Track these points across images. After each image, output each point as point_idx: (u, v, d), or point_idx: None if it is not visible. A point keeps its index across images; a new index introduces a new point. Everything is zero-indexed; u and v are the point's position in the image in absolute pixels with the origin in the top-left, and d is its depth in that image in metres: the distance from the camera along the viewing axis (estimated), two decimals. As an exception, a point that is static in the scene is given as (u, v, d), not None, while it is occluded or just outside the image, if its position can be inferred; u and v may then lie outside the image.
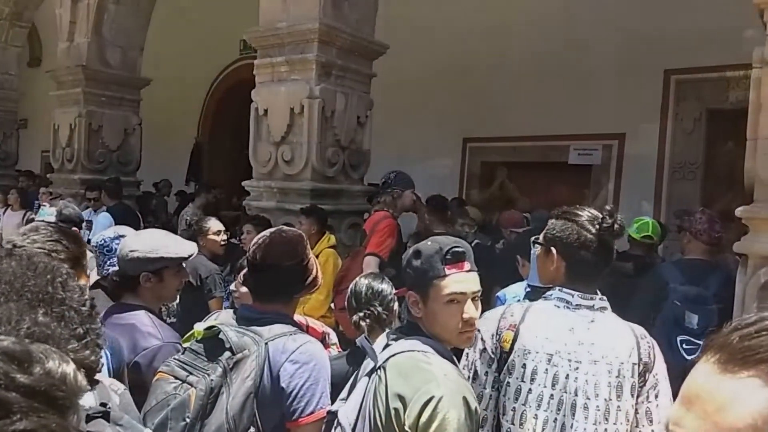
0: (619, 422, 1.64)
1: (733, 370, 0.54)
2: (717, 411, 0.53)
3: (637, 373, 1.66)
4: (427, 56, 7.11)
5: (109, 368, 1.80)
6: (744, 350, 0.54)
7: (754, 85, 2.64)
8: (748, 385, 0.52)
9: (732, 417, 0.52)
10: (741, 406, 0.52)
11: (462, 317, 1.60)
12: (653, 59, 5.72)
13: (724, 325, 0.60)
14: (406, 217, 4.46)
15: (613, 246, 1.77)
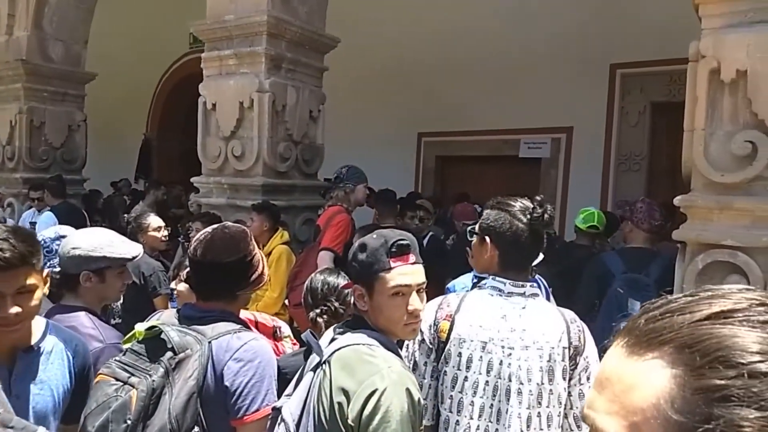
0: (552, 405, 1.69)
1: (639, 352, 0.55)
2: (624, 392, 0.54)
3: (568, 356, 1.72)
4: (382, 51, 7.12)
5: (70, 370, 1.78)
6: (648, 333, 0.55)
7: (689, 79, 2.73)
8: (652, 366, 0.53)
9: (637, 398, 0.53)
10: (645, 387, 0.53)
11: (407, 309, 1.61)
12: (599, 54, 5.87)
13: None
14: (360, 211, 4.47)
15: (544, 234, 1.83)
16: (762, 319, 0.53)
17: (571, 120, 6.28)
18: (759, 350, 0.50)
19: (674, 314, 0.56)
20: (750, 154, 2.56)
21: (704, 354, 0.51)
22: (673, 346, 0.53)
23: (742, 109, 2.59)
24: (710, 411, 0.49)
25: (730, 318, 0.53)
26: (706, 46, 2.63)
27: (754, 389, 0.49)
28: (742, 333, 0.52)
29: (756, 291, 0.57)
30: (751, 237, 2.53)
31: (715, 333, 0.52)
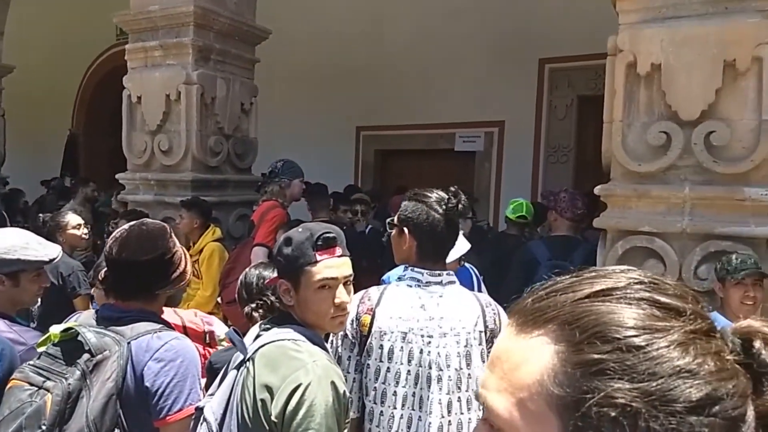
0: (471, 389, 1.74)
1: (526, 330, 0.56)
2: (512, 370, 0.55)
3: (485, 339, 1.77)
4: (319, 44, 7.05)
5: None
6: (534, 312, 0.56)
7: (608, 73, 2.84)
8: (537, 343, 0.54)
9: (523, 374, 0.54)
10: (531, 364, 0.54)
11: (334, 302, 1.61)
12: (529, 49, 6.02)
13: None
14: (297, 206, 4.41)
15: (459, 224, 1.87)
16: (638, 296, 0.54)
17: (503, 114, 6.42)
18: (634, 325, 0.52)
19: (558, 293, 0.57)
20: (665, 144, 2.69)
21: (583, 330, 0.52)
22: (556, 324, 0.54)
23: (657, 101, 2.72)
24: (588, 384, 0.50)
25: (609, 296, 0.55)
26: (623, 40, 2.74)
27: (627, 362, 0.50)
28: (618, 309, 0.53)
29: (637, 271, 0.58)
30: (666, 223, 2.67)
31: (594, 310, 0.53)
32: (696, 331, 0.53)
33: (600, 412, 0.49)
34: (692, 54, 2.59)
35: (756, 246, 2.54)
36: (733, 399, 0.51)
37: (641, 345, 0.50)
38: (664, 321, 0.52)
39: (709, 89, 2.57)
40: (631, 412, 0.49)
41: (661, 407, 0.49)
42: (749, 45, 2.51)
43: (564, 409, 0.51)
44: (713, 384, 0.50)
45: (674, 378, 0.49)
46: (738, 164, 2.53)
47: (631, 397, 0.49)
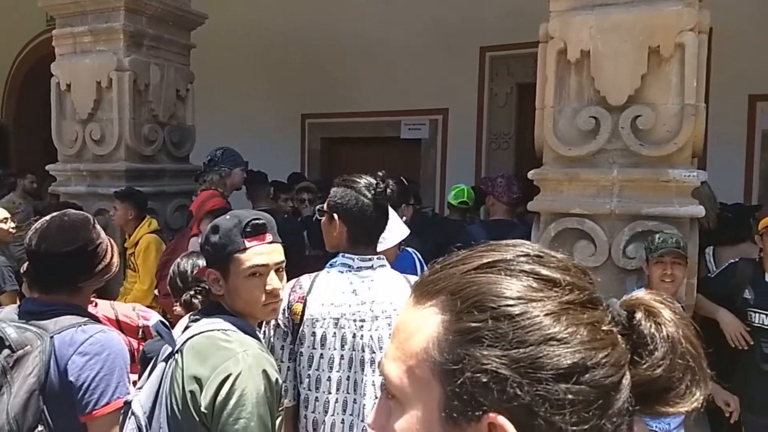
0: None
1: (421, 302, 0.58)
2: (406, 339, 0.57)
3: None
4: (261, 29, 6.90)
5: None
6: (429, 284, 0.58)
7: (540, 60, 2.90)
8: (427, 314, 0.56)
9: (414, 343, 0.56)
10: (420, 333, 0.55)
11: (266, 289, 1.59)
12: (470, 37, 6.07)
13: None
14: (238, 196, 4.33)
15: (388, 208, 1.89)
16: (521, 269, 0.56)
17: (446, 102, 6.46)
18: (511, 295, 0.53)
19: (451, 266, 0.59)
20: (594, 128, 2.77)
21: (464, 300, 0.54)
22: (445, 295, 0.56)
23: (587, 87, 2.80)
24: (463, 351, 0.52)
25: (494, 267, 0.56)
26: (553, 27, 2.80)
27: (500, 330, 0.52)
28: (499, 280, 0.55)
29: (528, 245, 0.60)
30: (596, 205, 2.76)
31: (477, 281, 0.55)
32: (571, 302, 0.54)
33: (473, 378, 0.51)
34: (619, 41, 2.67)
35: (680, 225, 2.66)
36: (604, 368, 0.52)
37: (515, 314, 0.52)
38: (540, 292, 0.54)
39: (636, 75, 2.67)
40: (500, 378, 0.50)
41: (528, 374, 0.50)
42: (672, 32, 2.61)
43: (444, 375, 0.53)
44: (584, 353, 0.51)
45: (543, 346, 0.51)
46: (663, 147, 2.64)
47: (500, 363, 0.50)
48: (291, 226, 3.93)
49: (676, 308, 0.60)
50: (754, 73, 5.01)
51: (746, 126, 5.18)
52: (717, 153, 5.10)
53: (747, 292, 2.78)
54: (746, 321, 2.77)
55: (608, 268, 2.78)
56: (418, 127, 6.79)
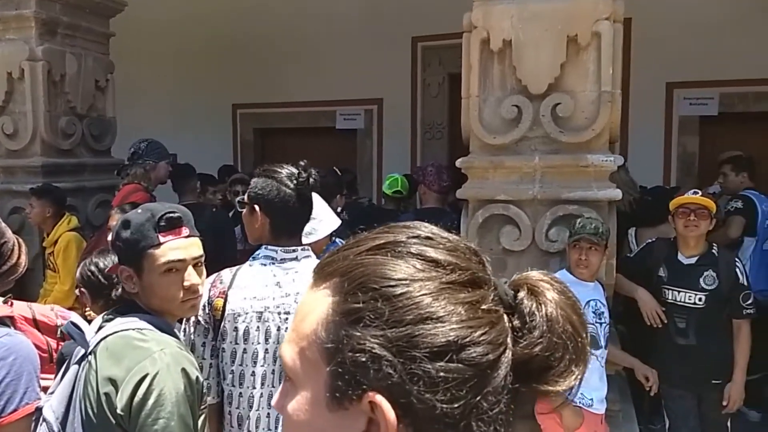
0: None
1: (317, 284, 0.58)
2: (300, 321, 0.58)
3: None
4: (187, 16, 6.68)
5: None
6: (325, 266, 0.59)
7: (464, 49, 2.93)
8: (320, 295, 0.57)
9: (306, 325, 0.56)
10: (312, 315, 0.56)
11: (183, 285, 1.54)
12: (402, 27, 6.08)
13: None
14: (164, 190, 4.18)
15: (311, 198, 1.87)
16: (410, 251, 0.56)
17: (380, 92, 6.46)
18: (395, 276, 0.54)
19: (346, 248, 0.59)
20: (516, 117, 2.83)
21: (352, 281, 0.55)
22: (337, 277, 0.57)
23: (509, 76, 2.85)
24: (346, 332, 0.53)
25: (383, 249, 0.57)
26: (476, 17, 2.83)
27: (379, 310, 0.52)
28: (386, 262, 0.55)
29: (423, 227, 0.61)
30: (519, 191, 2.83)
31: (365, 262, 0.56)
32: (452, 282, 0.55)
33: (353, 358, 0.51)
34: (539, 30, 2.73)
35: (599, 208, 2.76)
36: (481, 346, 0.52)
37: (395, 294, 0.53)
38: (423, 272, 0.55)
39: (555, 63, 2.74)
40: (376, 358, 0.51)
41: (404, 353, 0.51)
42: (589, 21, 2.69)
43: (329, 356, 0.53)
44: (459, 331, 0.52)
45: (420, 325, 0.51)
46: (581, 133, 2.73)
47: (377, 343, 0.51)
48: (221, 220, 3.84)
49: (562, 288, 0.61)
50: (671, 61, 5.26)
51: (664, 112, 5.44)
52: (637, 139, 5.34)
53: (662, 270, 2.93)
54: (661, 298, 2.92)
55: (533, 252, 2.86)
56: (353, 117, 6.76)
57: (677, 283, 2.88)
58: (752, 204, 4.00)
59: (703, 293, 2.82)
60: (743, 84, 5.20)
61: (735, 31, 5.12)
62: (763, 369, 4.02)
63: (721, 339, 2.89)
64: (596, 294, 2.62)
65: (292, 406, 0.57)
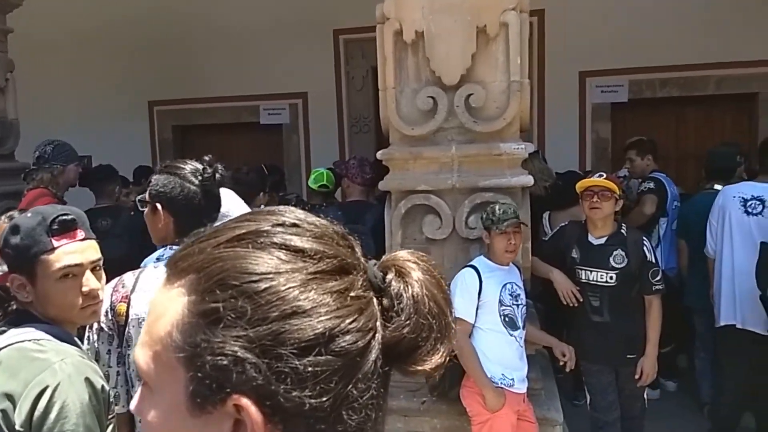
0: None
1: (171, 281, 0.55)
2: (153, 323, 0.54)
3: None
4: (96, 10, 6.37)
5: None
6: (179, 261, 0.55)
7: (378, 40, 2.94)
8: (174, 294, 0.53)
9: (160, 326, 0.53)
10: (166, 316, 0.53)
11: (81, 291, 1.48)
12: (323, 20, 6.04)
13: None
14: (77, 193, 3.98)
15: (219, 194, 1.83)
16: (273, 241, 0.54)
17: (305, 86, 6.40)
18: (257, 271, 0.51)
19: (203, 240, 0.56)
20: (432, 108, 2.87)
21: (208, 278, 0.51)
22: (192, 273, 0.53)
23: (423, 67, 2.89)
24: (202, 335, 0.50)
25: (244, 240, 0.54)
26: (388, 8, 2.85)
27: (241, 309, 0.49)
28: (247, 254, 0.52)
29: (288, 212, 0.58)
30: (439, 181, 2.87)
31: (223, 256, 0.52)
32: (320, 271, 0.53)
33: (213, 362, 0.49)
34: (449, 21, 2.77)
35: (513, 194, 2.85)
36: (350, 334, 0.51)
37: (258, 290, 0.50)
38: (288, 264, 0.52)
39: (466, 54, 2.79)
40: (239, 360, 0.48)
41: (269, 352, 0.48)
42: (496, 11, 2.75)
43: (187, 361, 0.50)
44: (327, 322, 0.50)
45: (286, 320, 0.49)
46: (493, 123, 2.79)
47: (239, 345, 0.48)
48: (139, 222, 3.69)
49: (428, 267, 0.60)
50: (583, 51, 5.48)
51: (578, 100, 5.66)
52: (553, 127, 5.55)
53: (574, 252, 3.06)
54: (575, 278, 3.05)
55: (454, 240, 2.92)
56: (278, 112, 6.67)
57: (589, 263, 3.01)
58: (662, 185, 4.24)
59: (614, 272, 2.97)
60: (650, 71, 5.50)
61: (642, 21, 5.40)
62: (674, 341, 4.28)
63: (633, 315, 3.05)
64: (513, 277, 2.70)
65: (151, 413, 0.54)
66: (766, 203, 3.29)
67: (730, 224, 3.40)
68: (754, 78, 5.40)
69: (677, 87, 5.53)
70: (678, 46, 5.35)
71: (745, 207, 3.35)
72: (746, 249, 3.34)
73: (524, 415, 2.68)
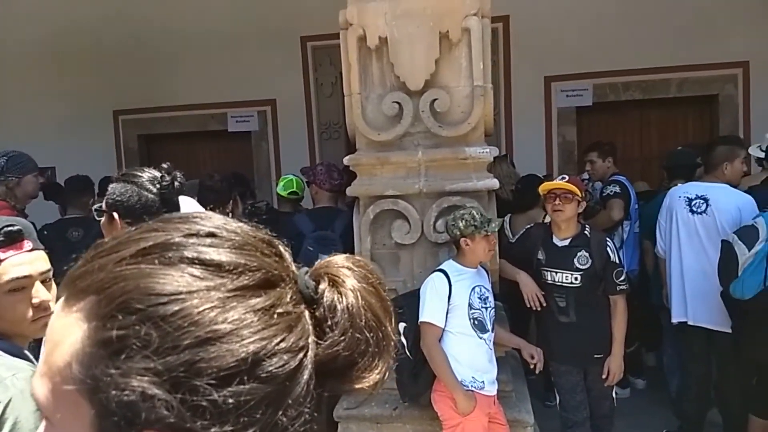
0: None
1: (69, 304, 0.48)
2: (51, 351, 0.48)
3: None
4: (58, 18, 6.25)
5: None
6: (77, 280, 0.48)
7: (342, 46, 2.93)
8: (72, 320, 0.47)
9: (58, 356, 0.46)
10: (64, 344, 0.46)
11: (32, 303, 1.44)
12: (290, 27, 6.02)
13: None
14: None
15: (178, 203, 1.80)
16: (184, 255, 0.48)
17: (273, 92, 6.36)
18: (165, 291, 0.45)
19: (103, 254, 0.49)
20: (398, 113, 2.88)
21: (110, 301, 0.45)
22: (91, 294, 0.46)
23: (388, 73, 2.89)
24: (103, 368, 0.43)
25: (151, 255, 0.47)
26: (351, 14, 2.85)
27: (148, 337, 0.43)
28: (154, 272, 0.46)
29: (206, 220, 0.52)
30: (406, 186, 2.87)
31: (127, 275, 0.46)
32: (240, 287, 0.47)
33: (118, 397, 0.43)
34: (412, 27, 2.79)
35: (480, 198, 2.86)
36: (277, 356, 0.46)
37: (167, 314, 0.44)
38: (203, 281, 0.46)
39: (430, 60, 2.81)
40: (147, 396, 0.42)
41: (180, 386, 0.43)
42: (458, 17, 2.77)
43: (89, 395, 0.44)
44: (251, 346, 0.45)
45: (201, 348, 0.43)
46: (458, 127, 2.81)
47: (147, 380, 0.42)
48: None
49: (364, 273, 0.56)
50: (547, 56, 5.56)
51: (543, 105, 5.74)
52: (520, 131, 5.62)
53: (540, 254, 3.09)
54: (542, 279, 3.08)
55: (423, 244, 2.92)
56: (246, 119, 6.61)
57: (554, 265, 3.05)
58: (626, 188, 4.32)
59: (579, 273, 3.01)
60: (613, 75, 5.61)
61: (604, 26, 5.51)
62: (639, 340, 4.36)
63: (599, 315, 3.09)
64: (481, 280, 2.72)
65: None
66: (710, 202, 3.39)
67: (677, 224, 3.51)
68: (714, 80, 5.55)
69: (640, 90, 5.65)
70: (640, 49, 5.47)
71: (690, 206, 3.45)
72: (693, 247, 3.44)
73: (495, 418, 2.69)
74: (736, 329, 3.20)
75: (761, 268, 2.83)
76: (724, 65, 5.47)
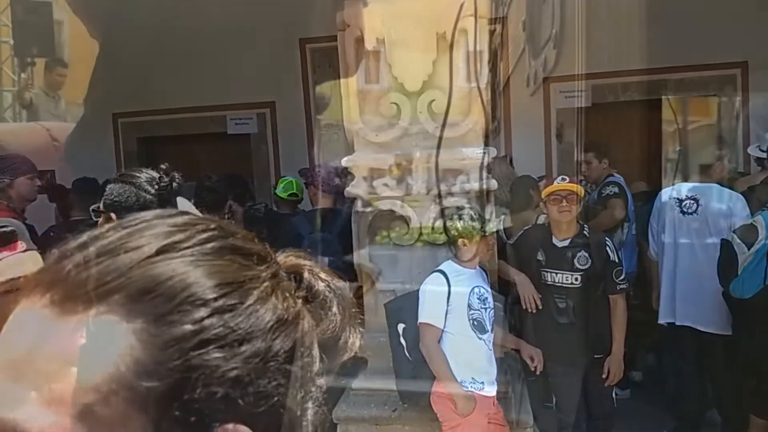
0: None
1: (74, 309, 0.43)
2: (61, 369, 0.43)
3: None
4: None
5: None
6: (83, 282, 0.44)
7: (340, 47, 2.94)
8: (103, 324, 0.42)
9: (86, 371, 0.41)
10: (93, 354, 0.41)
11: None
12: (289, 29, 6.03)
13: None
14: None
15: (176, 204, 1.80)
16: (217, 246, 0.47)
17: (272, 94, 6.36)
18: (221, 282, 0.45)
19: (115, 254, 0.45)
20: (396, 114, 2.88)
21: (169, 298, 0.43)
22: (125, 294, 0.43)
23: (386, 74, 2.89)
24: (187, 362, 0.42)
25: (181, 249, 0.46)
26: (348, 16, 2.85)
27: (231, 324, 0.44)
28: (201, 264, 0.45)
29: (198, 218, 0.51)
30: (405, 186, 2.87)
31: (158, 272, 0.44)
32: (275, 274, 0.50)
33: (205, 392, 0.42)
34: (409, 28, 2.79)
35: (478, 198, 2.86)
36: (309, 335, 0.51)
37: (234, 303, 0.44)
38: (250, 270, 0.48)
39: (427, 61, 2.81)
40: (239, 381, 0.43)
41: (268, 364, 0.45)
42: (455, 18, 2.77)
43: (156, 401, 0.41)
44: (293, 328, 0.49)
45: (272, 333, 0.46)
46: (456, 128, 2.81)
47: (241, 360, 0.43)
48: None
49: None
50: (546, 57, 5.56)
51: (542, 106, 5.75)
52: (520, 132, 5.62)
53: (540, 255, 3.09)
54: (541, 280, 3.07)
55: (421, 245, 2.92)
56: (245, 122, 6.62)
57: (554, 265, 3.05)
58: (624, 190, 4.32)
59: (579, 273, 3.01)
60: (612, 75, 5.60)
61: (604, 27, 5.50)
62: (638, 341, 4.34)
63: (599, 316, 3.09)
64: (480, 281, 2.72)
65: None
66: (700, 202, 3.40)
67: (668, 224, 3.51)
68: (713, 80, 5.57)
69: (639, 90, 5.65)
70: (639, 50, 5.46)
71: (680, 207, 3.46)
72: (684, 248, 3.45)
73: (495, 419, 2.69)
74: (737, 328, 3.19)
75: (761, 267, 2.83)
76: (723, 66, 5.47)
